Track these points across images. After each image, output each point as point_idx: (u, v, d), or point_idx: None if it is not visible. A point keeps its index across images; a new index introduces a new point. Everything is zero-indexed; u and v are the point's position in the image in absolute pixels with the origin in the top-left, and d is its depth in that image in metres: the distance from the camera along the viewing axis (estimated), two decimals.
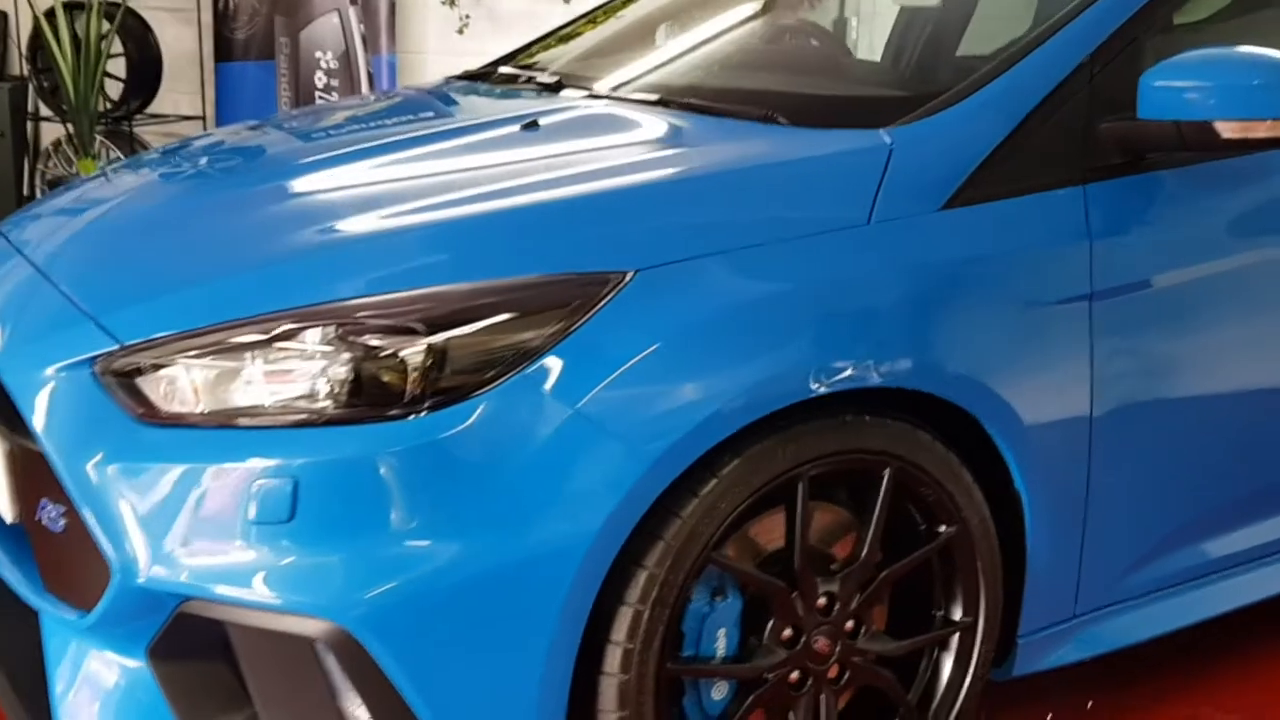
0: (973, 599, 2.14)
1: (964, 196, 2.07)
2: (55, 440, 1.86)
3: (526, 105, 2.59)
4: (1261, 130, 2.13)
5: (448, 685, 1.78)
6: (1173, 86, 2.12)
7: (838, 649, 2.04)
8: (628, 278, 1.84)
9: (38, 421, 1.88)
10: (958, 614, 2.15)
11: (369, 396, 1.78)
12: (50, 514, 1.93)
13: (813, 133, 2.19)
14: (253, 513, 1.76)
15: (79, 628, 1.92)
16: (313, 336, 1.81)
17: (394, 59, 6.46)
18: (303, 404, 1.79)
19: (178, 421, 1.84)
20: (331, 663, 1.81)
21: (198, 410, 1.84)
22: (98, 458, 1.83)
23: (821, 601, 2.03)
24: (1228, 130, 2.13)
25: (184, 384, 1.85)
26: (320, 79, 6.46)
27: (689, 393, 1.82)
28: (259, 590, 1.77)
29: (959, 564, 2.12)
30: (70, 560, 1.92)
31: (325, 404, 1.79)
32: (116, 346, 1.89)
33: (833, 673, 2.07)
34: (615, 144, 2.31)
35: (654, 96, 2.51)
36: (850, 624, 2.06)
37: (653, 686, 1.89)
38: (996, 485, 2.11)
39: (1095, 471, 2.17)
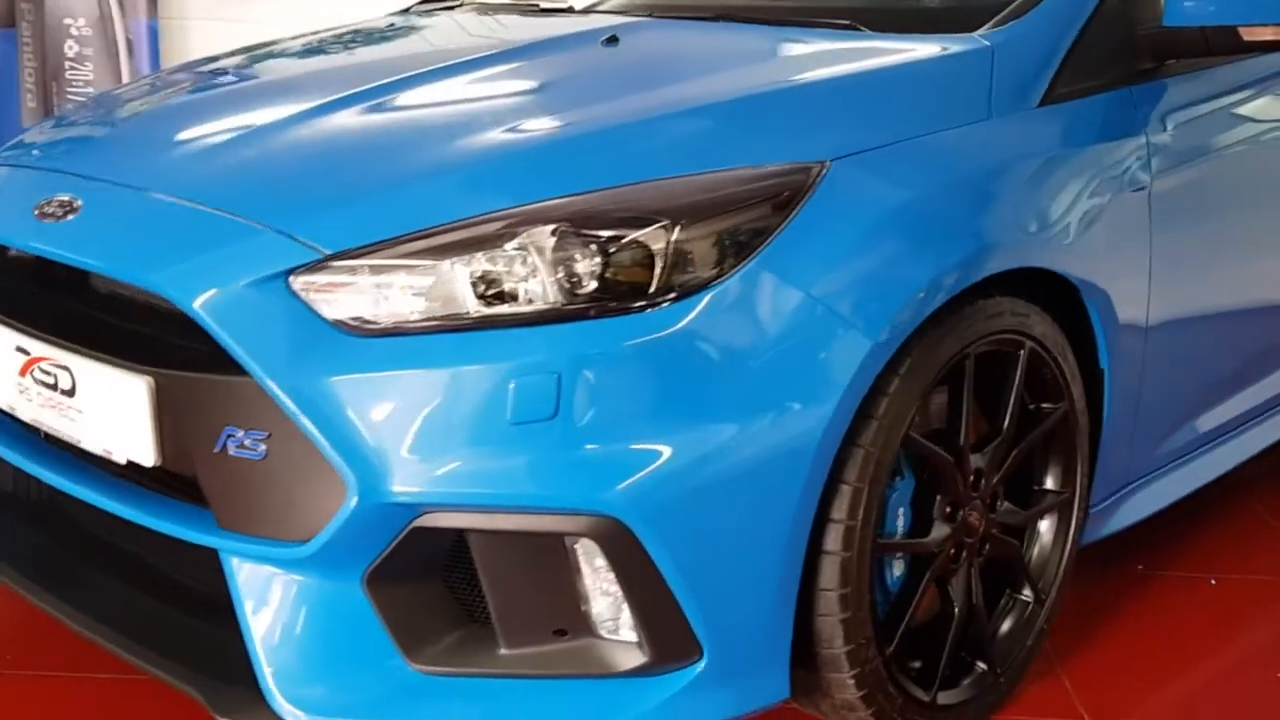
0: (1071, 473, 2.31)
1: (1051, 95, 2.24)
2: (267, 361, 1.74)
3: (577, 24, 2.57)
4: (1267, 33, 2.40)
5: (708, 569, 1.79)
6: None
7: (983, 521, 2.17)
8: (826, 168, 1.90)
9: (238, 344, 1.75)
10: (1057, 487, 2.31)
11: (615, 290, 1.76)
12: (244, 443, 1.79)
13: (913, 38, 2.29)
14: (512, 413, 1.71)
15: (289, 560, 1.80)
16: (545, 234, 1.77)
17: (155, 24, 6.08)
18: (549, 301, 1.75)
19: (404, 330, 1.76)
20: (583, 557, 1.78)
21: (426, 317, 1.76)
22: (322, 374, 1.74)
23: (971, 478, 2.15)
24: (1249, 34, 2.38)
25: (407, 290, 1.77)
26: (71, 48, 6.01)
27: (898, 275, 1.90)
28: (521, 490, 1.73)
29: (1060, 441, 2.28)
30: (274, 489, 1.79)
31: (572, 300, 1.75)
32: (320, 258, 1.78)
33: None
34: (728, 52, 2.34)
35: (710, 13, 2.54)
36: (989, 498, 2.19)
37: (867, 563, 1.95)
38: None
39: (1149, 346, 2.39)
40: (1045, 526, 2.33)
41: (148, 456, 1.90)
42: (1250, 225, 2.62)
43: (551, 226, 1.78)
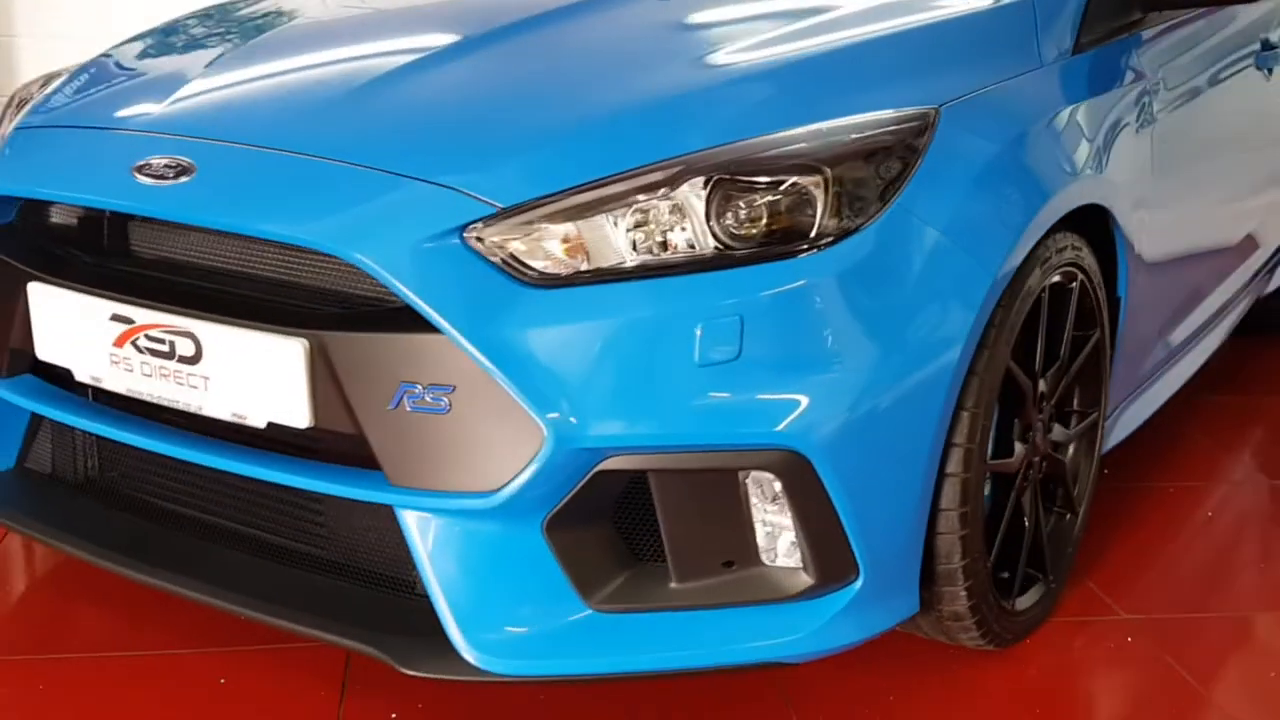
0: (1097, 394, 2.52)
1: (1079, 45, 2.43)
2: (456, 316, 1.76)
3: None
4: None
5: (866, 494, 1.90)
6: None
7: (1044, 442, 2.35)
8: (939, 113, 2.02)
9: (426, 301, 1.76)
10: (1086, 408, 2.51)
11: (781, 234, 1.84)
12: (425, 398, 1.80)
13: None
14: (700, 356, 1.78)
15: (473, 511, 1.82)
16: (711, 181, 1.84)
17: None
18: (719, 247, 1.82)
19: (583, 280, 1.80)
20: (752, 490, 1.87)
21: (603, 266, 1.81)
22: (511, 327, 1.77)
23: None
24: None
25: (581, 240, 1.81)
26: None
27: (1007, 213, 2.06)
28: (708, 429, 1.81)
29: (1091, 365, 2.48)
30: (458, 442, 1.81)
31: (742, 245, 1.83)
32: (494, 211, 1.81)
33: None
34: (797, 5, 2.42)
35: None
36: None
37: (980, 483, 2.10)
38: None
39: (1146, 271, 2.62)
40: (1077, 445, 2.53)
41: (301, 418, 1.88)
42: (1214, 156, 2.90)
43: (715, 174, 1.84)
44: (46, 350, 2.13)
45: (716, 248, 1.83)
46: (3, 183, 2.20)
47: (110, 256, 2.12)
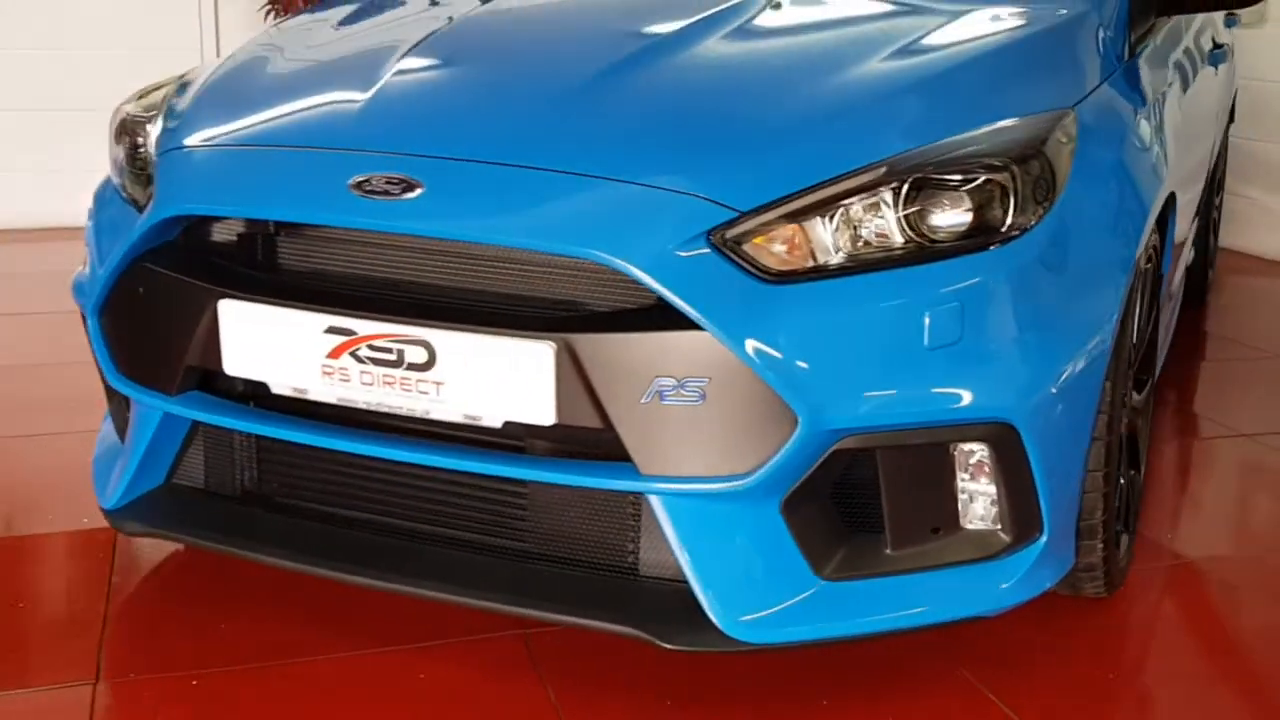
0: (1154, 360, 2.80)
1: (1130, 52, 2.70)
2: (711, 314, 1.89)
3: None
4: None
5: (1052, 458, 2.11)
6: None
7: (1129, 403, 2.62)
8: (1075, 114, 2.26)
9: (684, 300, 1.89)
10: (1147, 374, 2.79)
11: (983, 226, 2.04)
12: (680, 391, 1.93)
13: (1030, 2, 2.66)
14: (929, 340, 1.97)
15: (725, 494, 1.96)
16: (922, 179, 2.02)
17: None
18: (932, 239, 2.01)
19: (821, 274, 1.97)
20: (959, 461, 2.06)
21: (838, 261, 1.98)
22: (760, 321, 1.92)
23: None
24: None
25: (812, 238, 1.98)
26: None
27: (1134, 203, 2.31)
28: (936, 406, 1.99)
29: (1153, 336, 2.76)
30: (712, 430, 1.95)
31: (950, 236, 2.02)
32: (735, 215, 1.95)
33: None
34: (904, 15, 2.60)
35: None
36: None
37: (1117, 445, 2.35)
38: None
39: (1172, 248, 2.92)
40: (1142, 408, 2.80)
41: (546, 416, 1.99)
42: (1199, 140, 3.37)
43: (917, 175, 2.02)
44: (236, 365, 2.17)
45: (922, 243, 2.01)
46: (194, 203, 2.21)
47: (308, 273, 2.17)
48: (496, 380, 2.00)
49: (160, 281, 2.23)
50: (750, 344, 1.90)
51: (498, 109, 2.23)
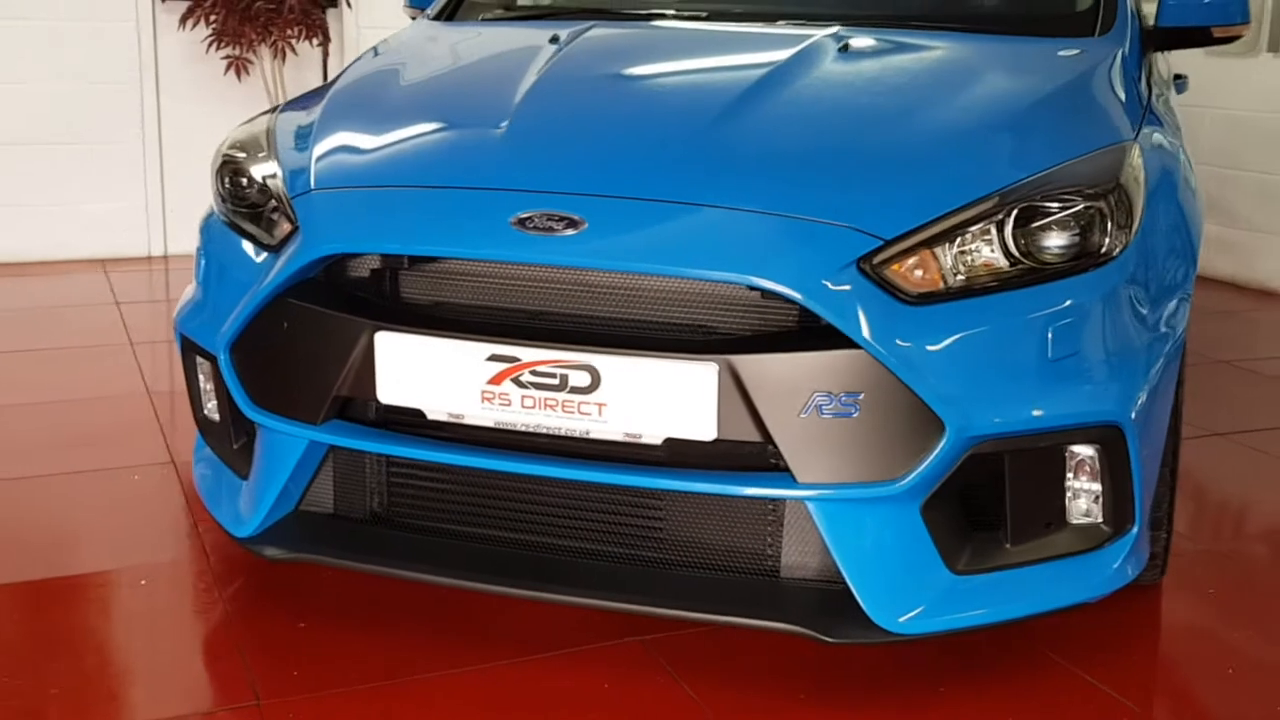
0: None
1: (1147, 90, 2.98)
2: (869, 334, 2.08)
3: (772, 32, 2.94)
4: (1226, 31, 3.27)
5: (1145, 462, 2.34)
6: (1181, 4, 3.18)
7: None
8: (1137, 146, 2.51)
9: (843, 323, 2.08)
10: None
11: (1086, 247, 2.27)
12: (837, 404, 2.11)
13: (1071, 40, 2.91)
14: (1052, 353, 2.19)
15: (875, 499, 2.15)
16: (1034, 206, 2.25)
17: None
18: (1043, 260, 2.23)
19: (955, 295, 2.17)
20: (1070, 462, 2.28)
21: (969, 282, 2.19)
22: (910, 339, 2.11)
23: None
24: (1218, 31, 3.24)
25: (947, 261, 2.19)
26: None
27: (1191, 220, 2.58)
28: (1061, 412, 2.21)
29: None
30: (866, 440, 2.13)
31: (1058, 257, 2.24)
32: (881, 244, 2.15)
33: None
34: (963, 57, 2.82)
35: (887, 19, 3.01)
36: None
37: (1178, 442, 2.60)
38: None
39: None
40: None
41: (708, 432, 2.15)
42: None
43: (1027, 203, 2.24)
44: (391, 394, 2.28)
45: (1033, 265, 2.23)
46: (357, 242, 2.32)
47: (462, 305, 2.29)
48: (660, 400, 2.15)
49: (308, 316, 2.32)
50: (902, 360, 2.09)
51: (642, 146, 2.39)
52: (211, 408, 2.73)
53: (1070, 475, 2.30)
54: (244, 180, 2.61)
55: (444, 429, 2.31)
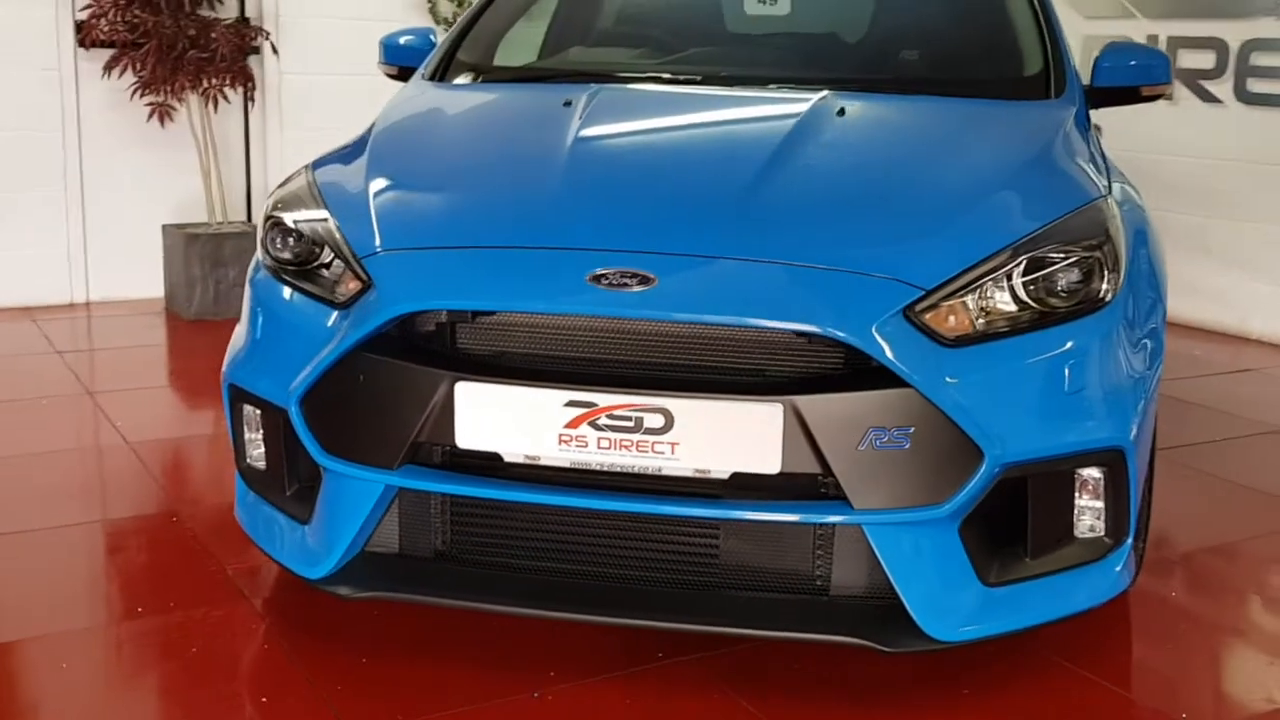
0: None
1: (1089, 135, 3.32)
2: (919, 374, 2.34)
3: (764, 97, 3.22)
4: (1153, 90, 3.65)
5: (1138, 479, 2.66)
6: (1114, 66, 3.56)
7: None
8: (1111, 200, 2.84)
9: (896, 364, 2.33)
10: None
11: (1086, 291, 2.57)
12: (890, 438, 2.37)
13: (1031, 103, 3.24)
14: (1069, 386, 2.49)
15: (923, 521, 2.40)
16: (1044, 256, 2.54)
17: None
18: (1056, 305, 2.52)
19: (987, 336, 2.45)
20: (1077, 482, 2.58)
21: (996, 325, 2.47)
22: (953, 377, 2.38)
23: None
24: (1146, 90, 3.62)
25: (977, 307, 2.46)
26: None
27: (1156, 262, 2.90)
28: (1079, 438, 2.50)
29: None
30: (916, 469, 2.38)
31: (1066, 300, 2.54)
32: (922, 294, 2.42)
33: None
34: (946, 119, 3.12)
35: (865, 81, 3.30)
36: None
37: (1152, 460, 2.92)
38: None
39: None
40: None
41: (772, 465, 2.38)
42: None
43: (1038, 253, 2.53)
44: (470, 439, 2.46)
45: (1044, 309, 2.52)
46: (440, 299, 2.49)
47: (537, 355, 2.48)
48: (729, 438, 2.38)
49: (387, 369, 2.49)
50: (947, 397, 2.35)
51: (697, 206, 2.62)
52: (257, 455, 2.86)
53: (1079, 494, 2.59)
54: (293, 239, 2.75)
55: (515, 470, 2.48)
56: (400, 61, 3.91)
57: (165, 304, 6.12)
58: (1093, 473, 2.57)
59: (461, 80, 3.60)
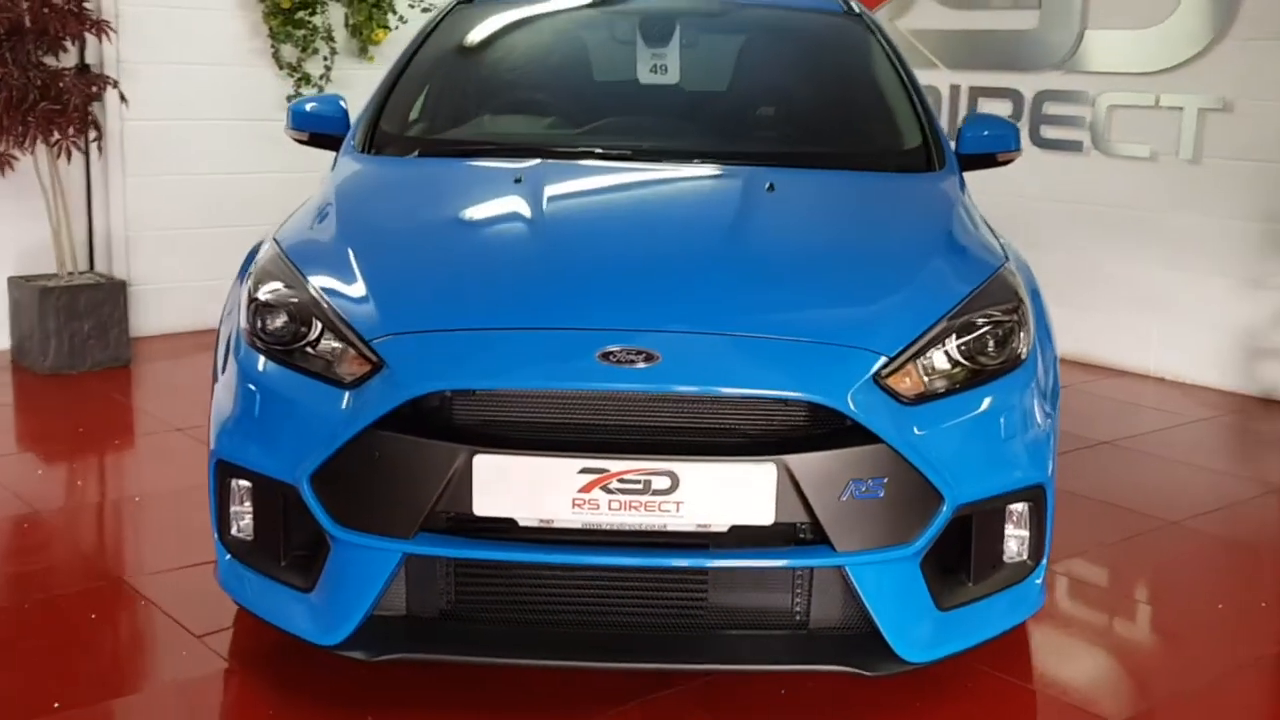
0: None
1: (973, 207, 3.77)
2: (889, 432, 2.68)
3: (693, 172, 3.54)
4: (1006, 156, 4.13)
5: (1052, 508, 3.09)
6: (974, 136, 4.02)
7: None
8: (1010, 265, 3.27)
9: (871, 425, 2.67)
10: None
11: (1007, 350, 2.97)
12: (866, 488, 2.70)
13: (920, 175, 3.65)
14: (1004, 433, 2.89)
15: (894, 559, 2.74)
16: (975, 321, 2.93)
17: None
18: (985, 363, 2.92)
19: (939, 395, 2.82)
20: (1008, 515, 2.98)
21: (941, 385, 2.84)
22: (917, 432, 2.74)
23: None
24: (1001, 157, 4.10)
25: (927, 370, 2.83)
26: None
27: (1045, 317, 3.34)
28: (1013, 479, 2.90)
29: None
30: (889, 514, 2.72)
31: (993, 359, 2.93)
32: (885, 360, 2.77)
33: None
34: (867, 194, 3.49)
35: (775, 154, 3.64)
36: None
37: None
38: None
39: None
40: None
41: (766, 518, 2.69)
42: None
43: (970, 318, 2.93)
44: (487, 507, 2.68)
45: (975, 368, 2.91)
46: (456, 380, 2.68)
47: (546, 425, 2.72)
48: (729, 495, 2.67)
49: (403, 445, 2.68)
50: (912, 449, 2.71)
51: (685, 288, 2.90)
52: (245, 526, 2.99)
53: (1008, 525, 2.98)
54: (281, 320, 2.90)
55: (528, 532, 2.71)
56: (308, 128, 4.05)
57: (12, 357, 5.99)
58: (1019, 506, 2.97)
59: (392, 151, 3.77)
